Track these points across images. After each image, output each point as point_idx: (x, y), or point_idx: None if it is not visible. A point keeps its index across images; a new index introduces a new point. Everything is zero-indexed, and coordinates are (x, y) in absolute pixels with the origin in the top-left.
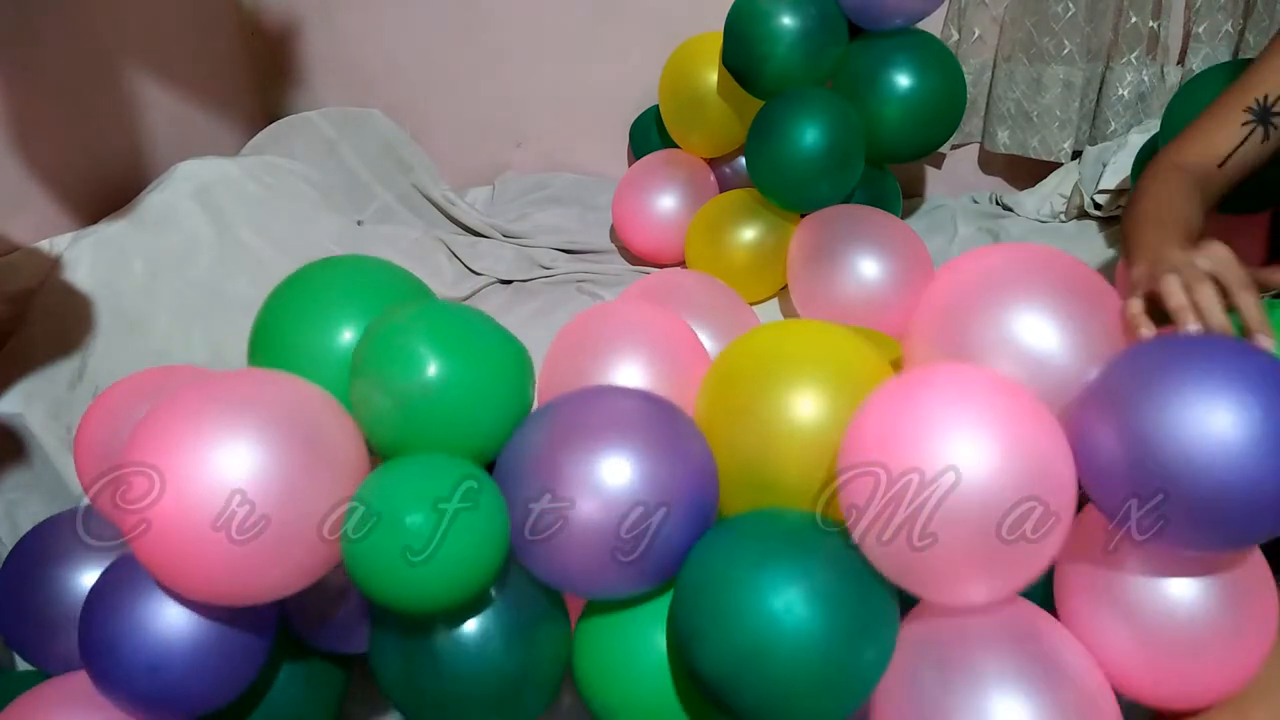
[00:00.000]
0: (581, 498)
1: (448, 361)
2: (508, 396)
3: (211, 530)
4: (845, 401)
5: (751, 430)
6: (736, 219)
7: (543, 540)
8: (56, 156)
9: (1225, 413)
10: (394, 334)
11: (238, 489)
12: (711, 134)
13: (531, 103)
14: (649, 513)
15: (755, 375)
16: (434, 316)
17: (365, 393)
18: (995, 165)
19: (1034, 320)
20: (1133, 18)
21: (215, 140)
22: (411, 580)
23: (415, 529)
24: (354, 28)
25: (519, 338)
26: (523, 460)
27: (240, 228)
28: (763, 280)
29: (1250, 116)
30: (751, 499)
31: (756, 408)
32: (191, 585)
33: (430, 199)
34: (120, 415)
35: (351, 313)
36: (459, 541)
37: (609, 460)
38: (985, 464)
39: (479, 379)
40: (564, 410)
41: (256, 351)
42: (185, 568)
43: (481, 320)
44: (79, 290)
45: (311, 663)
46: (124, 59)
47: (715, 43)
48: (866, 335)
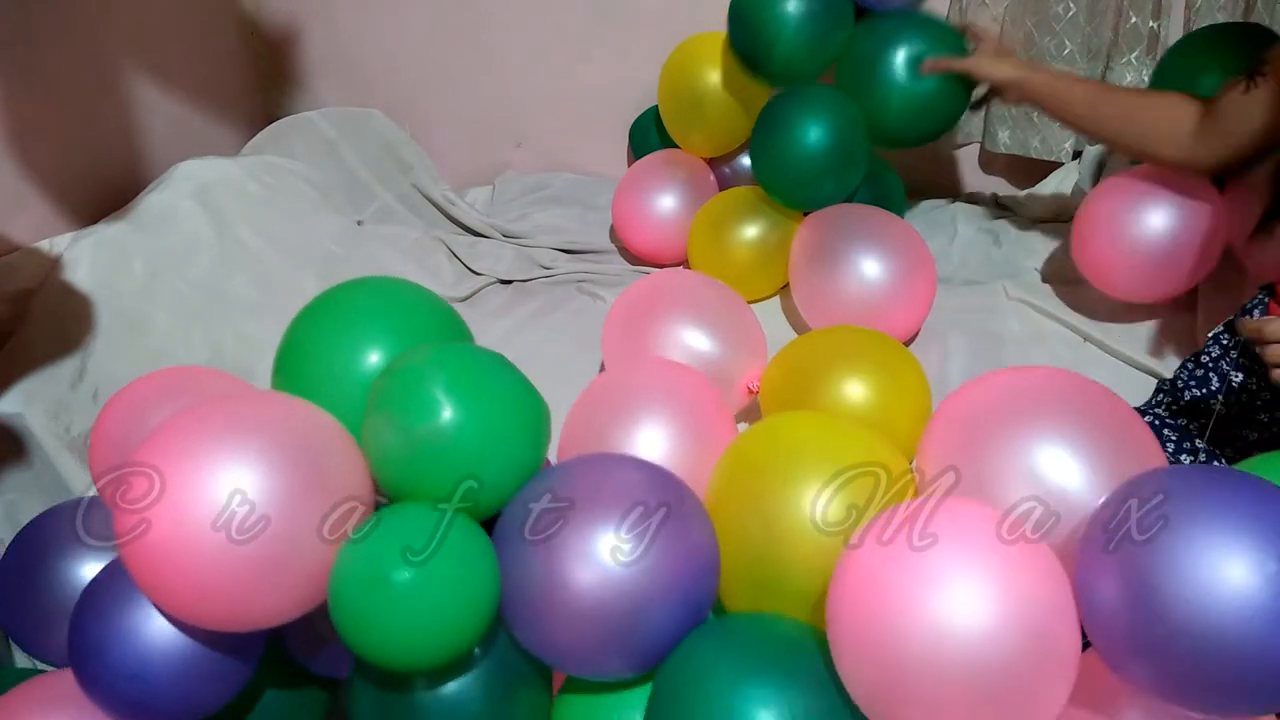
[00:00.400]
0: (578, 572)
1: (463, 409)
2: (519, 450)
3: (205, 551)
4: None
5: (758, 524)
6: (739, 217)
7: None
8: (56, 157)
9: (1240, 564)
10: (412, 375)
11: (238, 509)
12: (711, 134)
13: (531, 103)
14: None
15: (768, 467)
16: (454, 361)
17: (378, 430)
18: (996, 165)
19: (1055, 451)
20: (1133, 18)
21: (215, 140)
22: (397, 634)
23: (401, 584)
24: (354, 28)
25: (519, 338)
26: (521, 526)
27: (240, 228)
28: (765, 278)
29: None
30: (752, 595)
31: (766, 501)
32: (177, 604)
33: (430, 199)
34: (136, 415)
35: (378, 337)
36: (448, 596)
37: (603, 540)
38: (981, 625)
39: (492, 430)
40: (570, 477)
41: (280, 372)
42: (173, 585)
43: (503, 369)
44: (79, 290)
45: (298, 683)
46: (124, 59)
47: (714, 42)
48: (878, 340)
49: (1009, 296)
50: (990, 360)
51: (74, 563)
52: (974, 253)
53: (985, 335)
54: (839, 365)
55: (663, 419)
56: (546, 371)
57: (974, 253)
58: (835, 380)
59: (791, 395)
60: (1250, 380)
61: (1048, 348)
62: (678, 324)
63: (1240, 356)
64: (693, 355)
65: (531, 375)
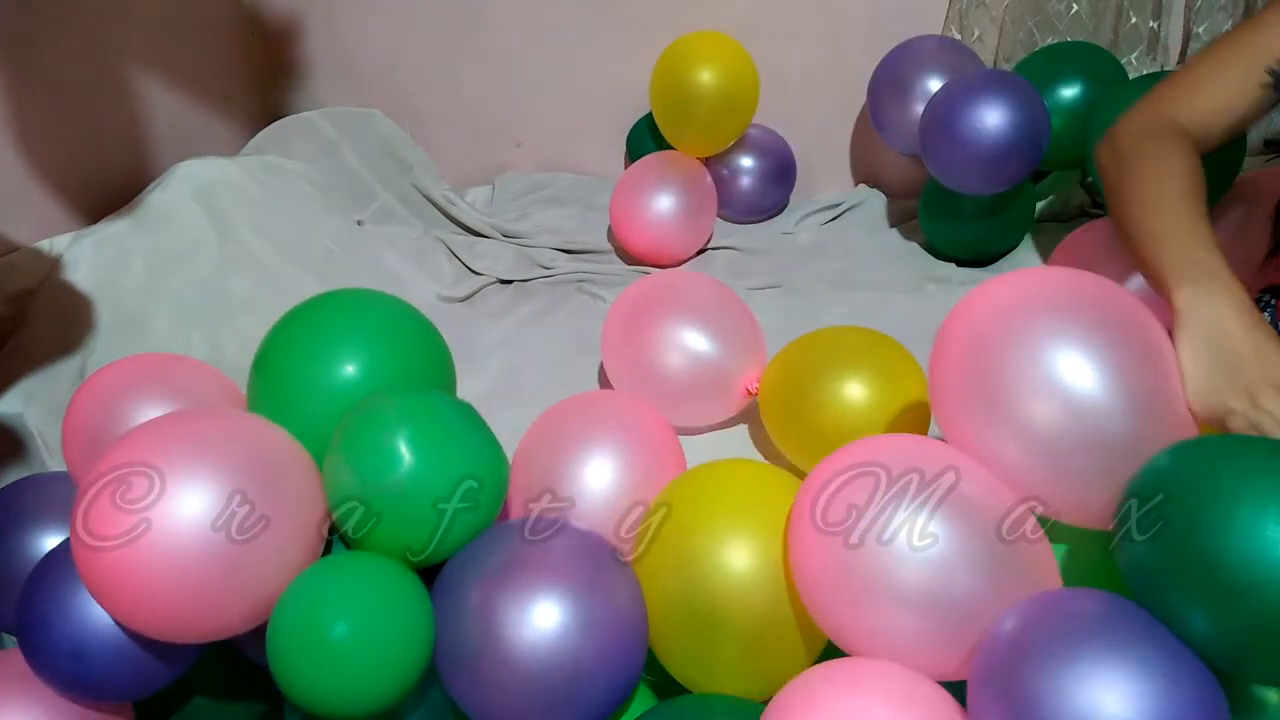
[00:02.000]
0: (515, 633)
1: (422, 465)
2: (475, 511)
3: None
4: (778, 553)
5: (685, 576)
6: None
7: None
8: (57, 156)
9: (1117, 698)
10: (376, 424)
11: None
12: (703, 133)
13: (531, 103)
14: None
15: (691, 521)
16: (419, 413)
17: (337, 471)
18: None
19: (1076, 361)
20: (1133, 18)
21: (215, 140)
22: (328, 686)
23: (338, 638)
24: (354, 28)
25: (519, 338)
26: (461, 586)
27: (240, 228)
28: None
29: (1271, 79)
30: (684, 646)
31: (690, 554)
32: (115, 607)
33: (430, 199)
34: (110, 402)
35: (356, 351)
36: (381, 643)
37: (539, 606)
38: None
39: (449, 491)
40: (508, 542)
41: (256, 379)
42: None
43: (469, 425)
44: (79, 290)
45: (240, 670)
46: (124, 59)
47: (704, 42)
48: (878, 341)
49: None
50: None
51: (37, 535)
52: None
53: None
54: (838, 365)
55: (611, 456)
56: (546, 371)
57: None
58: (834, 380)
59: (791, 396)
60: None
61: None
62: (677, 324)
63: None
64: (692, 355)
65: (531, 375)
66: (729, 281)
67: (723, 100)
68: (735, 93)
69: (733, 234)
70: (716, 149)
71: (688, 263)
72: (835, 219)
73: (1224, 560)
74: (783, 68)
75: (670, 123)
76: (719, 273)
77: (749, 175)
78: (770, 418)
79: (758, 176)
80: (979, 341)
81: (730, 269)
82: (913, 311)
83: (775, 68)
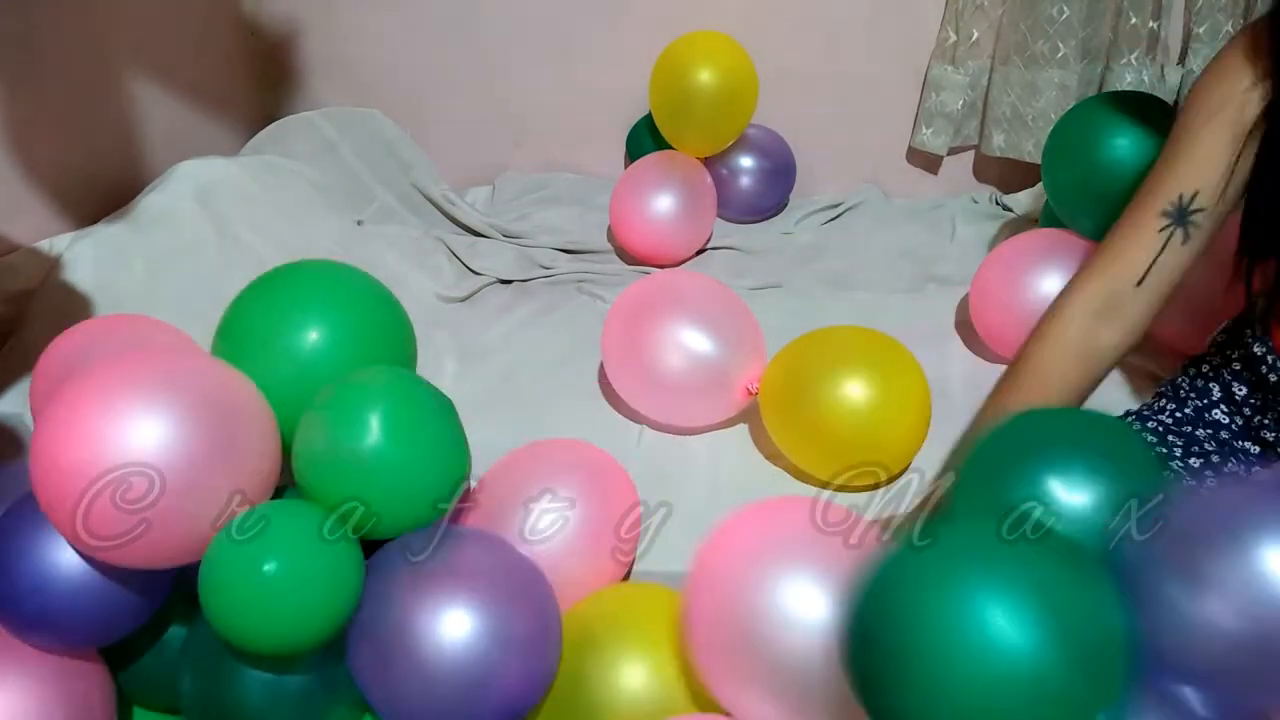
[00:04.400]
0: (431, 634)
1: (390, 442)
2: (428, 495)
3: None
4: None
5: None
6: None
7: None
8: (56, 157)
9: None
10: (357, 394)
11: (139, 462)
12: (703, 133)
13: (531, 103)
14: None
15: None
16: (400, 392)
17: (311, 427)
18: (989, 170)
19: None
20: (1132, 18)
21: (215, 140)
22: (257, 611)
23: (271, 575)
24: (354, 28)
25: (519, 338)
26: (386, 583)
27: (240, 228)
28: None
29: (1167, 220)
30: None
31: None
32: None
33: (430, 199)
34: (76, 354)
35: (319, 319)
36: (311, 586)
37: (453, 612)
38: None
39: (411, 468)
40: (461, 547)
41: (219, 340)
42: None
43: (443, 419)
44: (79, 290)
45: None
46: (124, 59)
47: (703, 41)
48: (878, 341)
49: None
50: (990, 360)
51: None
52: (974, 253)
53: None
54: (839, 365)
55: (570, 490)
56: (546, 371)
57: (974, 253)
58: (835, 380)
59: (791, 396)
60: (1254, 396)
61: None
62: (677, 324)
63: (1243, 369)
64: (692, 355)
65: (531, 375)
66: (729, 281)
67: (722, 100)
68: (734, 93)
69: (732, 234)
70: (716, 149)
71: (688, 263)
72: (835, 219)
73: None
74: (783, 68)
75: (670, 123)
76: (719, 273)
77: (748, 175)
78: (771, 417)
79: (757, 176)
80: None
81: (730, 269)
82: (913, 311)
83: (775, 68)
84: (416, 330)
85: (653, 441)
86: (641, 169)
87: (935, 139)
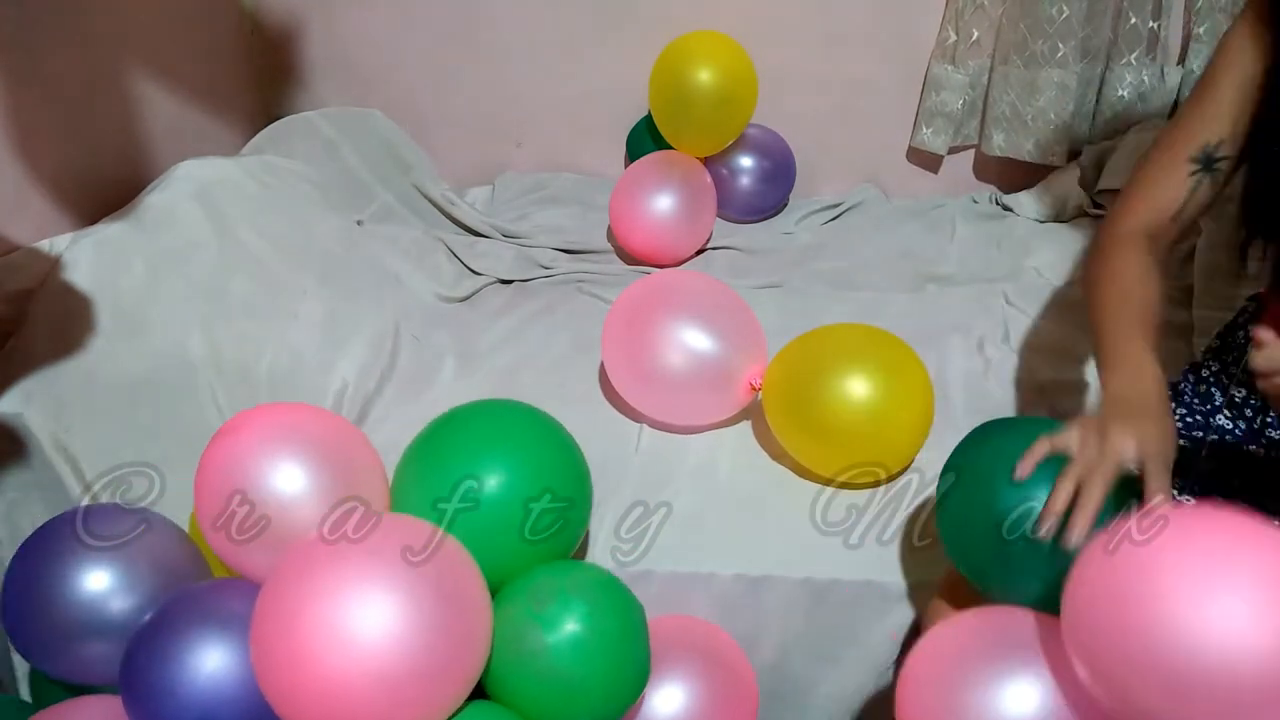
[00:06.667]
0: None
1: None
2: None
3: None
4: None
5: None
6: None
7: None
8: (56, 157)
9: None
10: (566, 606)
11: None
12: (703, 133)
13: (531, 103)
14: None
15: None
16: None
17: (521, 627)
18: (989, 169)
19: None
20: (1132, 18)
21: (215, 140)
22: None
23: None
24: (354, 28)
25: (519, 338)
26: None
27: (240, 228)
28: None
29: (1196, 166)
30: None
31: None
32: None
33: (430, 199)
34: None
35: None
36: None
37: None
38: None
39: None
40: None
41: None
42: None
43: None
44: (79, 290)
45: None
46: (124, 59)
47: (703, 41)
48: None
49: (1009, 302)
50: (990, 359)
51: (77, 572)
52: (974, 253)
53: (984, 335)
54: (842, 362)
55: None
56: (546, 371)
57: (974, 253)
58: (838, 377)
59: (794, 393)
60: (1254, 396)
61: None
62: (678, 323)
63: (1240, 373)
64: (693, 354)
65: (531, 375)
66: (729, 281)
67: (722, 100)
68: (734, 92)
69: (732, 234)
70: (716, 149)
71: (688, 263)
72: (835, 219)
73: None
74: (782, 68)
75: (669, 122)
76: (719, 273)
77: (748, 175)
78: (774, 414)
79: (757, 176)
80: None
81: (730, 269)
82: (913, 311)
83: (775, 68)
84: (416, 330)
85: (653, 441)
86: (641, 169)
87: (935, 138)
